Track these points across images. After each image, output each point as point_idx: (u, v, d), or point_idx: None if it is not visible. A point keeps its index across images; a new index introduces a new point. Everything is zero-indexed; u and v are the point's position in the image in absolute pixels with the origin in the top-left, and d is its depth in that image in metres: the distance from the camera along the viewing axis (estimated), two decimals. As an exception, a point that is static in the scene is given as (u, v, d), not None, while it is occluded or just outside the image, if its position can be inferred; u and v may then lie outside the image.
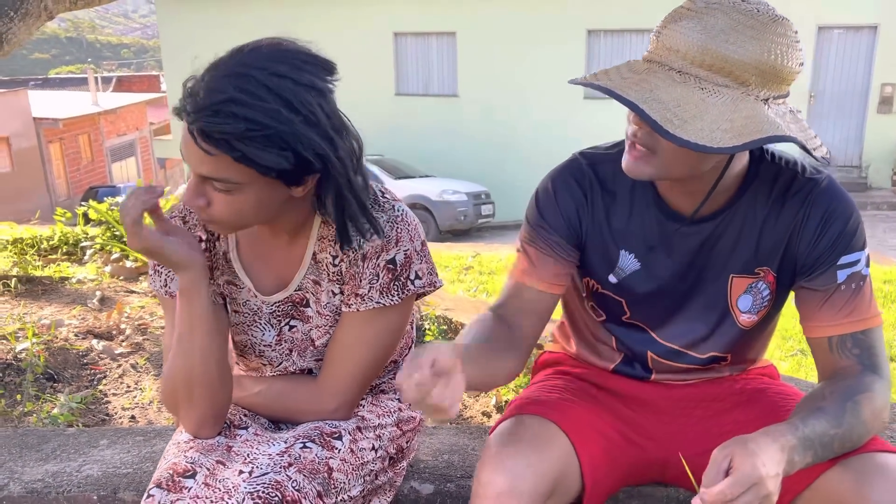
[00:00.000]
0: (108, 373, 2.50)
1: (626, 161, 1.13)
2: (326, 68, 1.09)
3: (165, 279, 1.27)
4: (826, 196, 1.17)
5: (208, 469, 1.15)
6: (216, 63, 1.05)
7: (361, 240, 1.17)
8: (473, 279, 4.77)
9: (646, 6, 12.71)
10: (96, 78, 29.75)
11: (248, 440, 1.24)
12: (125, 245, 3.88)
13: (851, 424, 1.06)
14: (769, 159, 1.21)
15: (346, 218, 1.13)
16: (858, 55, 12.43)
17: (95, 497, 1.51)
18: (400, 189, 11.96)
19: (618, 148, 1.27)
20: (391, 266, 1.22)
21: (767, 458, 0.94)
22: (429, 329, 2.76)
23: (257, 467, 1.14)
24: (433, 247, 6.50)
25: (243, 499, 1.07)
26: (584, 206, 1.26)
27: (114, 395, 2.36)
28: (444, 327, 2.80)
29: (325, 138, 1.05)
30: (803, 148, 1.06)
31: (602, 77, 1.08)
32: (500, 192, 12.71)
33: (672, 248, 1.24)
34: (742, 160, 1.17)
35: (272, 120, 1.00)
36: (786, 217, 1.19)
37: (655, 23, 1.09)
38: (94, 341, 2.72)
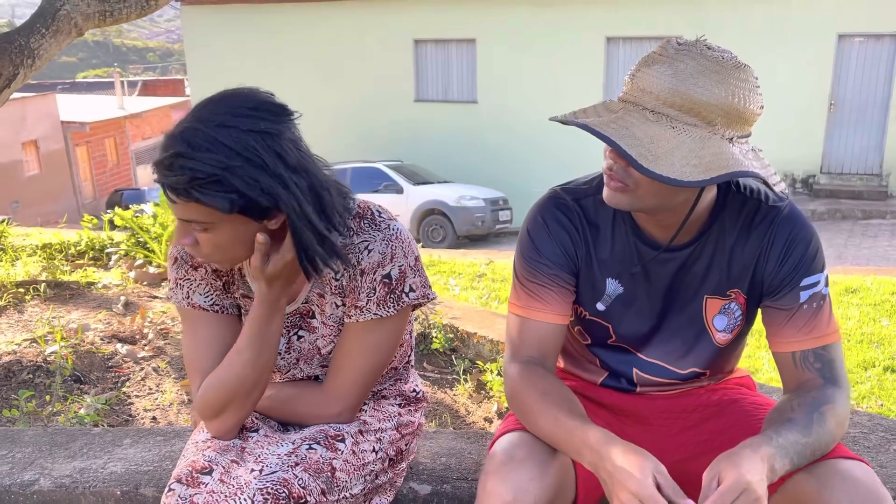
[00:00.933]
0: (131, 375, 2.63)
1: (605, 192, 1.23)
2: (276, 112, 1.18)
3: (188, 292, 1.38)
4: (788, 223, 1.27)
5: (223, 467, 1.26)
6: (181, 120, 1.19)
7: (327, 268, 1.26)
8: (486, 286, 4.86)
9: (664, 14, 12.77)
10: (122, 82, 30.26)
11: (259, 441, 1.35)
12: (148, 251, 4.04)
13: (819, 434, 1.15)
14: (735, 190, 1.31)
15: (302, 248, 1.21)
16: (879, 63, 12.35)
17: (119, 492, 1.63)
18: (418, 194, 12.08)
19: (594, 182, 1.37)
20: (387, 280, 1.33)
21: (750, 466, 1.03)
22: (436, 337, 2.87)
23: (267, 466, 1.25)
24: (448, 253, 6.60)
25: (254, 494, 1.19)
26: (576, 238, 1.35)
27: (136, 396, 2.49)
28: (451, 335, 2.91)
29: (273, 176, 1.15)
30: (765, 183, 1.15)
31: (581, 115, 1.18)
32: (517, 198, 12.79)
33: (651, 273, 1.33)
34: (711, 191, 1.27)
35: (213, 167, 1.12)
36: (753, 243, 1.28)
37: (673, 30, 1.19)
38: (119, 345, 2.86)
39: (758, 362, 3.46)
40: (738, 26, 12.25)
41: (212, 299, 1.38)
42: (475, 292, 4.65)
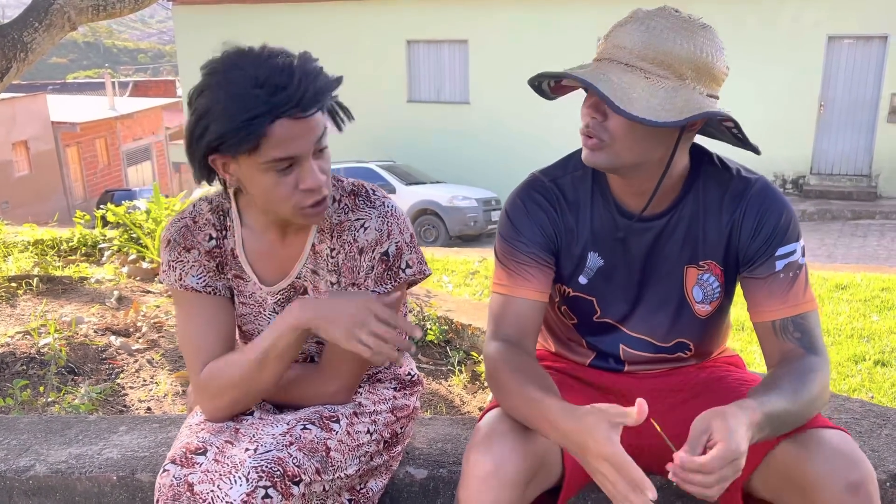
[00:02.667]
0: (125, 367, 2.63)
1: (584, 154, 1.27)
2: None
3: (180, 273, 1.38)
4: (759, 196, 1.31)
5: (218, 447, 1.27)
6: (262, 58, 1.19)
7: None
8: (479, 283, 4.87)
9: (656, 15, 12.82)
10: (113, 83, 30.14)
11: (253, 423, 1.36)
12: (141, 247, 4.03)
13: (803, 403, 1.18)
14: (707, 161, 1.34)
15: None
16: (868, 65, 12.45)
17: (115, 477, 1.64)
18: (410, 195, 12.09)
19: (571, 161, 1.41)
20: (385, 257, 1.35)
21: (741, 434, 1.05)
22: (430, 329, 2.88)
23: (262, 445, 1.26)
24: (441, 252, 6.61)
25: (248, 472, 1.19)
26: (554, 217, 1.38)
27: (131, 388, 2.49)
28: (445, 327, 2.92)
29: None
30: (736, 127, 1.20)
31: (558, 72, 1.24)
32: (509, 198, 12.81)
33: (630, 243, 1.36)
34: (684, 158, 1.31)
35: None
36: (725, 215, 1.32)
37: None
38: (113, 337, 2.85)
39: (749, 356, 3.48)
40: (728, 28, 12.30)
41: (204, 281, 1.38)
42: (468, 289, 4.65)
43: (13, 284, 3.56)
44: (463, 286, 4.76)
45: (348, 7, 15.07)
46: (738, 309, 1.87)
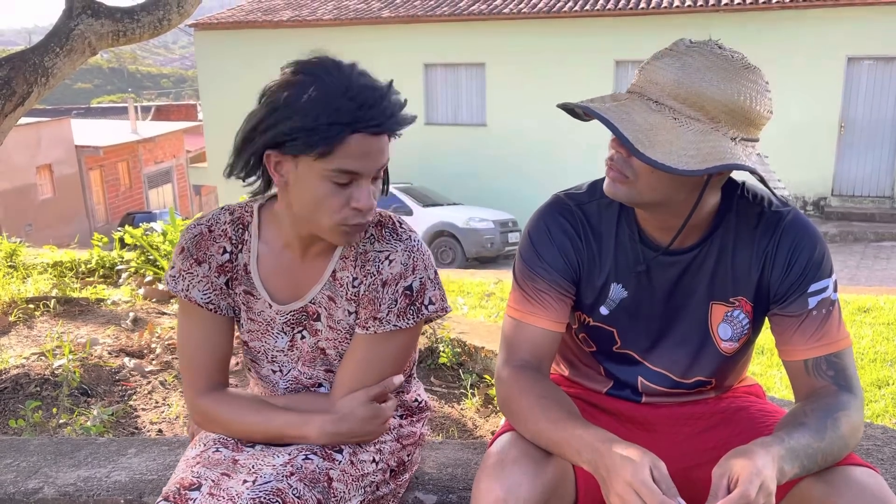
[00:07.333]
0: (138, 389, 2.63)
1: (605, 183, 1.23)
2: None
3: (188, 285, 1.36)
4: (792, 228, 1.25)
5: (213, 481, 1.22)
6: (344, 84, 1.20)
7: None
8: (495, 305, 4.84)
9: (673, 37, 12.73)
10: (136, 107, 30.65)
11: (254, 454, 1.32)
12: (158, 269, 4.05)
13: (832, 439, 1.13)
14: (739, 194, 1.29)
15: None
16: (889, 86, 12.35)
17: (122, 501, 1.62)
18: (428, 216, 12.11)
19: (597, 187, 1.36)
20: (408, 292, 1.32)
21: (762, 462, 1.01)
22: (443, 351, 2.85)
23: (261, 476, 1.22)
24: (457, 273, 6.59)
25: (246, 503, 1.16)
26: (578, 244, 1.34)
27: (143, 409, 2.49)
28: (458, 350, 2.89)
29: None
30: (762, 182, 1.14)
31: (587, 103, 1.19)
32: (527, 220, 12.78)
33: (655, 276, 1.32)
34: (715, 196, 1.26)
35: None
36: (757, 249, 1.27)
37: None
38: (126, 359, 2.86)
39: (769, 380, 3.42)
40: (747, 49, 12.09)
41: (209, 297, 1.36)
42: (484, 311, 4.63)
43: (31, 306, 3.59)
44: (478, 308, 4.73)
45: (366, 31, 15.25)
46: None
